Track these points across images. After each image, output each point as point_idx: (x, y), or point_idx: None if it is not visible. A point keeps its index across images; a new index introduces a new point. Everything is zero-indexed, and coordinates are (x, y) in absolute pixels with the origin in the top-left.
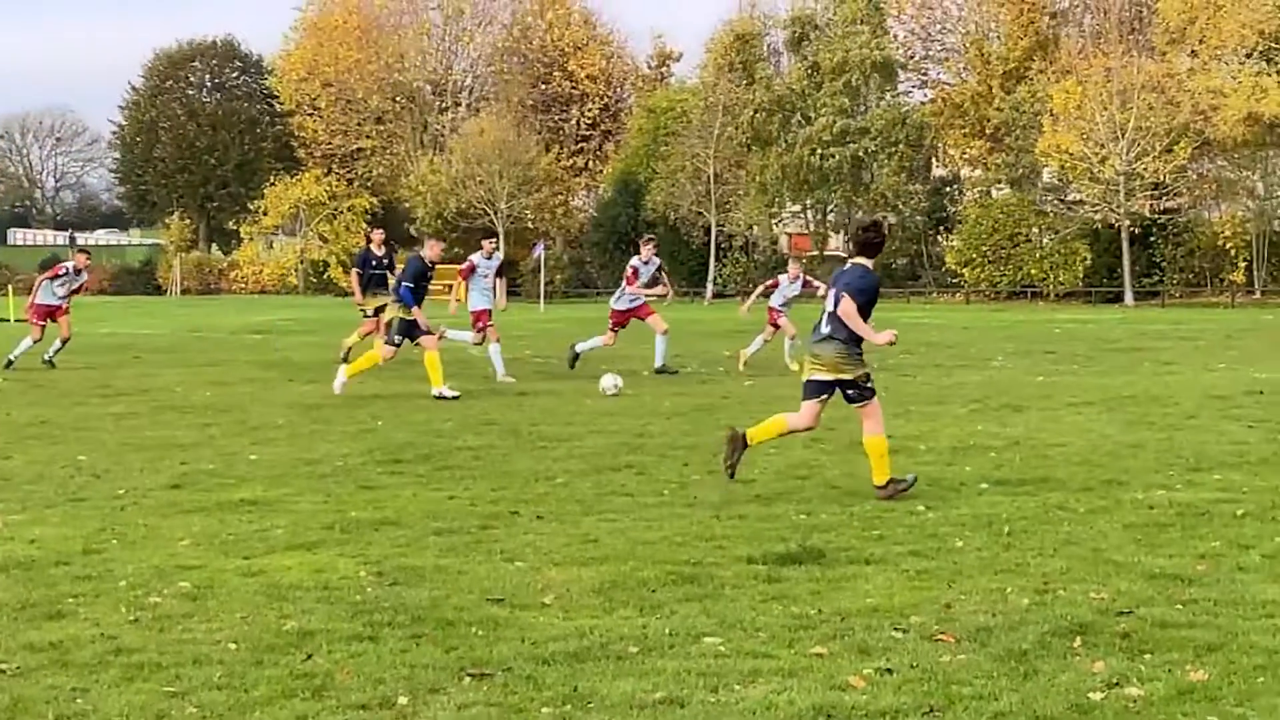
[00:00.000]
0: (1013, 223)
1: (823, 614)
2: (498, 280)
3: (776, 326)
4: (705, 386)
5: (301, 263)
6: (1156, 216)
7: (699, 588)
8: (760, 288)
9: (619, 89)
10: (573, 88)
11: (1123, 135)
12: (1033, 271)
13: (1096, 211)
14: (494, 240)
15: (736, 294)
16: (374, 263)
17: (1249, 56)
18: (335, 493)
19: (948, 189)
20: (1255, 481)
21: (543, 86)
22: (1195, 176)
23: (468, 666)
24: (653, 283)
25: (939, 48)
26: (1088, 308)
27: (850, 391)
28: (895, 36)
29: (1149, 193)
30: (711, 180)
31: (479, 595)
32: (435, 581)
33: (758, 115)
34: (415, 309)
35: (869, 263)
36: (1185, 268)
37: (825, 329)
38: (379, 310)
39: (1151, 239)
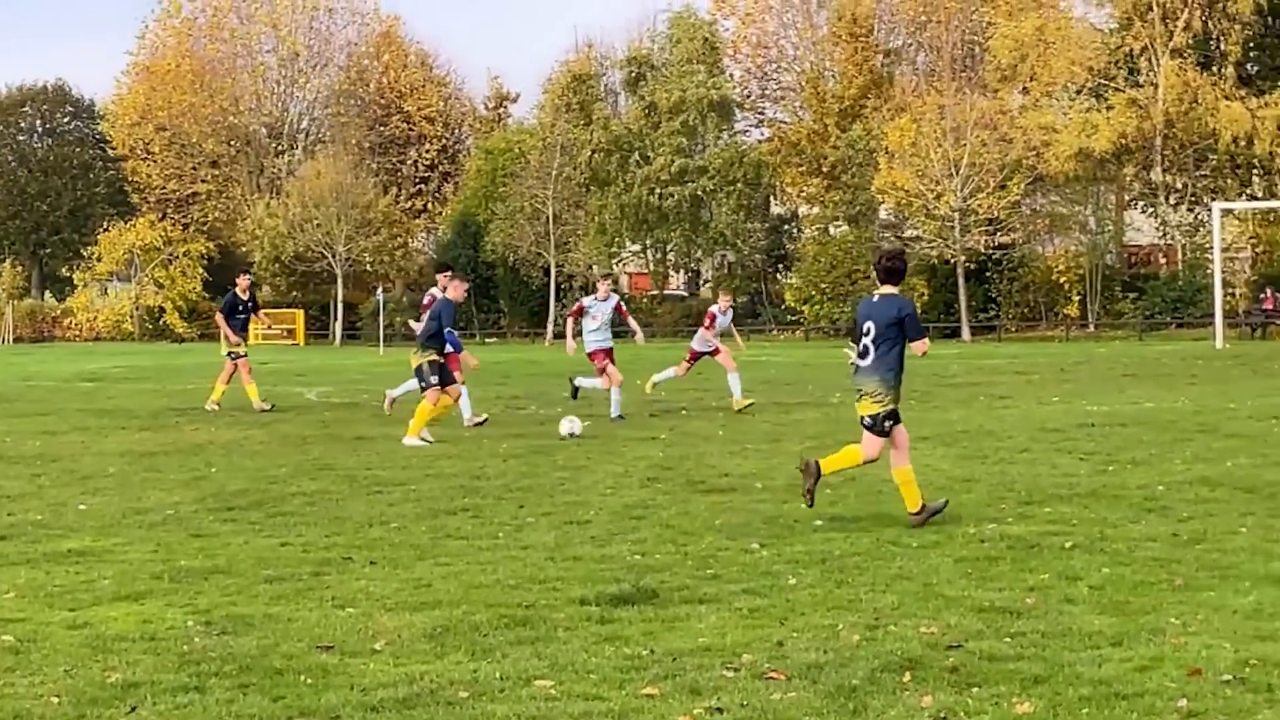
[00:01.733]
0: (850, 260)
1: (655, 654)
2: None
3: (692, 364)
4: (543, 428)
5: (137, 309)
6: (991, 252)
7: (531, 630)
8: (702, 328)
9: (457, 130)
10: (410, 129)
11: (957, 172)
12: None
13: (933, 248)
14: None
15: (578, 334)
16: (241, 307)
17: (1079, 93)
18: (165, 541)
19: (786, 227)
20: (1085, 514)
21: (380, 128)
22: (1029, 212)
23: (295, 715)
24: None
25: (775, 86)
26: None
27: (887, 424)
28: (732, 76)
29: (984, 228)
30: (550, 220)
31: (309, 643)
32: (265, 630)
33: (596, 155)
34: (435, 353)
35: (896, 290)
36: (1020, 302)
37: (866, 362)
38: (242, 355)
39: (987, 274)
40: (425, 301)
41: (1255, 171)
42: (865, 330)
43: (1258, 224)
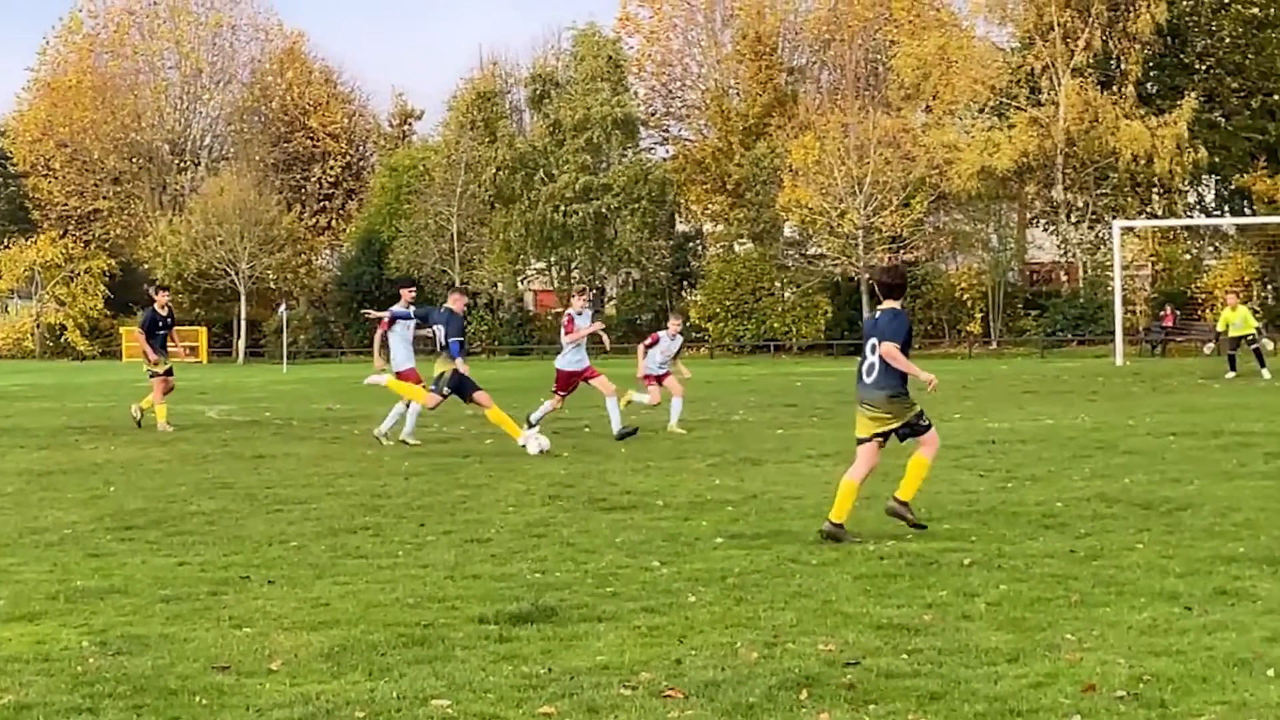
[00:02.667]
0: (755, 277)
1: (553, 673)
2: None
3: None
4: (447, 445)
5: (37, 327)
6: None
7: (429, 649)
8: (641, 347)
9: (361, 147)
10: (314, 146)
11: (861, 190)
12: (775, 325)
13: (836, 265)
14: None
15: (482, 351)
16: (160, 324)
17: (981, 111)
18: (62, 561)
19: (691, 244)
20: (983, 530)
21: (284, 145)
22: (931, 229)
23: None
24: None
25: (680, 104)
26: (829, 360)
27: (903, 430)
28: (636, 94)
29: (887, 246)
30: (455, 238)
31: (204, 663)
32: (160, 650)
33: (500, 172)
34: (460, 361)
35: (897, 304)
36: (923, 319)
37: (870, 378)
38: (169, 371)
39: None
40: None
41: (1155, 190)
42: (870, 347)
43: (1157, 242)
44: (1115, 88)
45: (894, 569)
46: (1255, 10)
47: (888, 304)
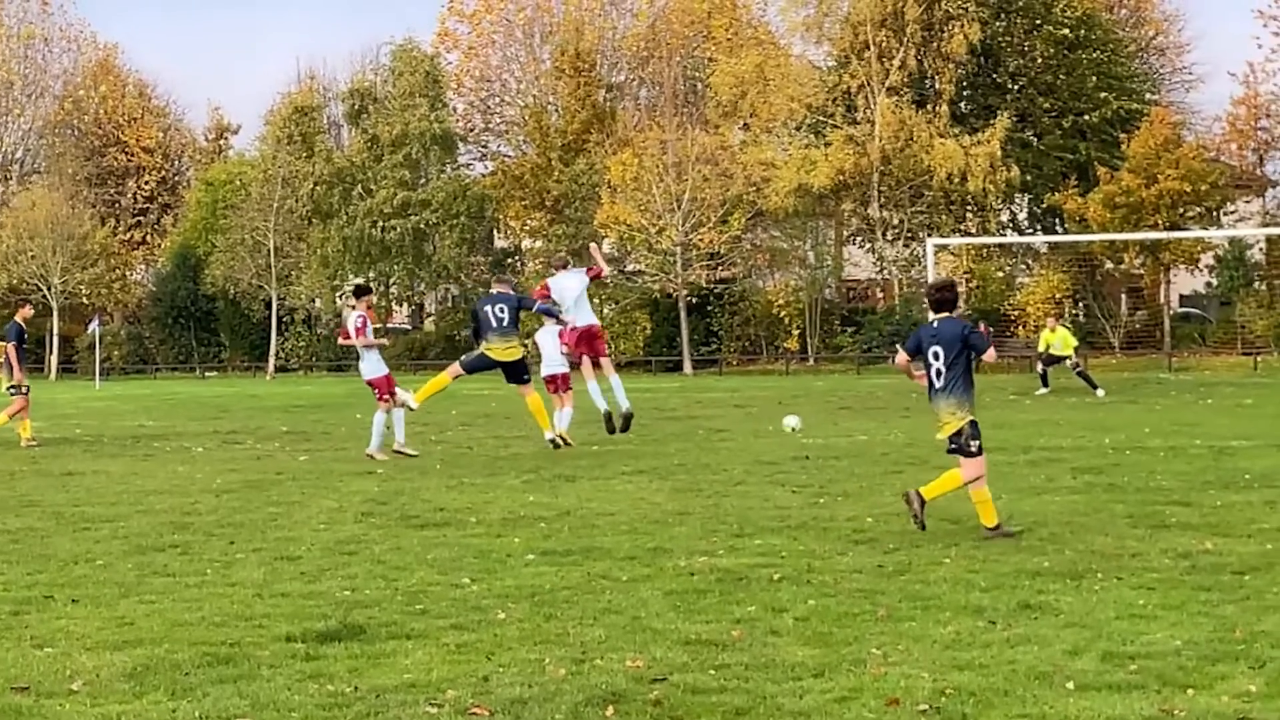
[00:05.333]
0: None
1: (358, 691)
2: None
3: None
4: (260, 462)
5: None
6: (713, 286)
7: (235, 668)
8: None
9: (177, 161)
10: (129, 160)
11: (679, 206)
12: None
13: (655, 282)
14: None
15: (299, 368)
16: (25, 336)
17: (798, 129)
18: None
19: (510, 260)
20: (794, 546)
21: (98, 159)
22: (750, 246)
23: None
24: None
25: (499, 120)
26: (648, 376)
27: (955, 443)
28: (455, 109)
29: (705, 262)
30: (272, 253)
31: (3, 684)
32: None
33: (318, 188)
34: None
35: (952, 314)
36: (742, 336)
37: (940, 383)
38: (24, 390)
39: (709, 308)
40: (358, 325)
41: (969, 207)
42: (934, 354)
43: (971, 259)
44: (930, 107)
45: (704, 585)
46: (1066, 31)
47: (944, 314)
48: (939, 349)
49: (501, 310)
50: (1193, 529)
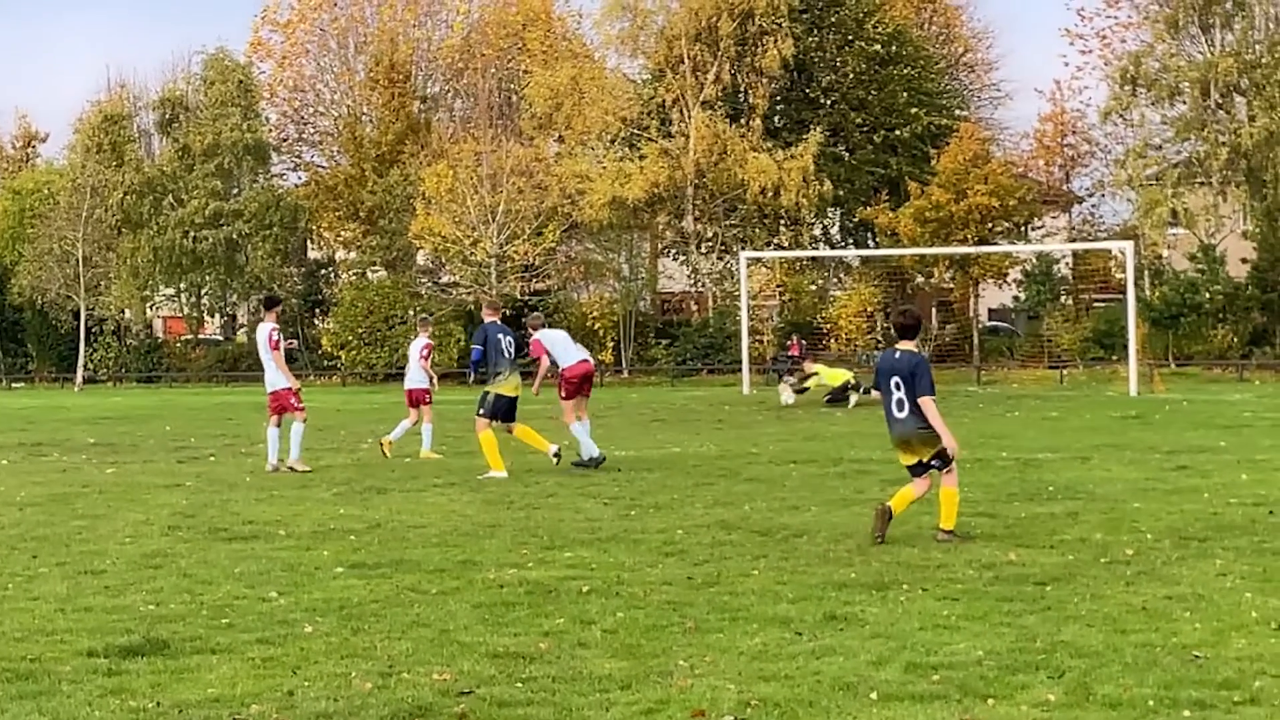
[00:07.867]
0: (388, 305)
1: (161, 706)
2: None
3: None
4: (65, 475)
5: None
6: (528, 298)
7: (35, 684)
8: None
9: None
10: None
11: (494, 218)
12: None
13: (470, 293)
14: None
15: (109, 379)
16: None
17: (613, 142)
18: None
19: (323, 271)
20: (604, 558)
21: None
22: (564, 259)
23: None
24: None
25: (312, 130)
26: (463, 388)
27: (935, 462)
28: (268, 119)
29: (520, 275)
30: (81, 263)
31: None
32: None
33: (128, 197)
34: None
35: (913, 345)
36: None
37: (901, 414)
38: None
39: (523, 320)
40: (274, 339)
41: (782, 221)
42: (895, 384)
43: (784, 272)
44: (744, 121)
45: (513, 597)
46: (878, 47)
47: (904, 345)
48: (899, 379)
49: (510, 343)
50: (997, 540)
